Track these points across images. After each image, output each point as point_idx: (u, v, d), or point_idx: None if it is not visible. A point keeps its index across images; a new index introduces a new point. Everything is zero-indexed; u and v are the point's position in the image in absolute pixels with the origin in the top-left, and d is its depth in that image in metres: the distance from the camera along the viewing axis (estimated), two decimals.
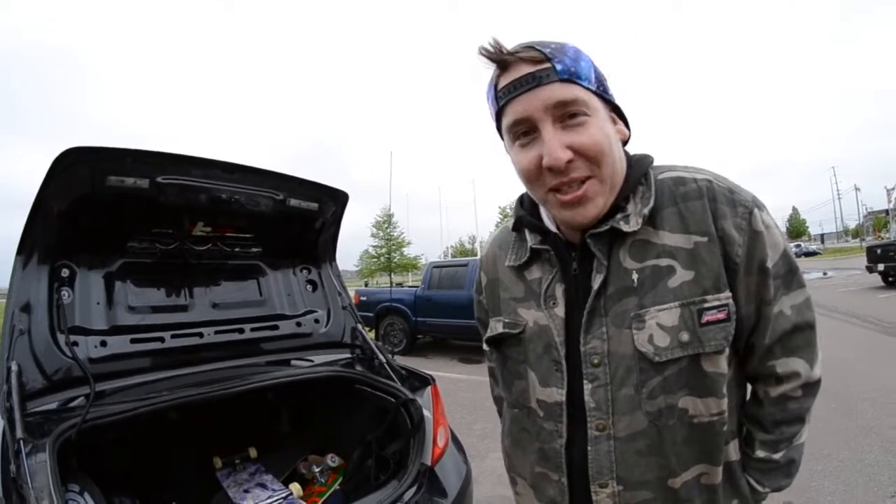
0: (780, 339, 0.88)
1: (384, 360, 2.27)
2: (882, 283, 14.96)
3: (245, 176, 2.06)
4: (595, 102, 0.83)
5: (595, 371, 0.87)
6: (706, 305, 0.82)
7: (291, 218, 2.34)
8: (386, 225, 42.01)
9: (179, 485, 2.20)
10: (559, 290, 0.93)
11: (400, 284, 15.37)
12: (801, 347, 0.90)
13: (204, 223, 2.17)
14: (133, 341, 1.96)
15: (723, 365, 0.84)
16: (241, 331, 2.23)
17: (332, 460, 2.34)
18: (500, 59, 0.81)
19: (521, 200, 1.03)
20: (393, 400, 2.03)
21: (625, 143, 0.92)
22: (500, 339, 1.02)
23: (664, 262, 0.84)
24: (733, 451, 0.89)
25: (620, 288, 0.86)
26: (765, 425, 0.91)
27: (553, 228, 0.95)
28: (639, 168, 0.91)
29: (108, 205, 1.86)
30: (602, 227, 0.87)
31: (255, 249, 2.42)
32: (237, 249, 2.35)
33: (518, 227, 1.02)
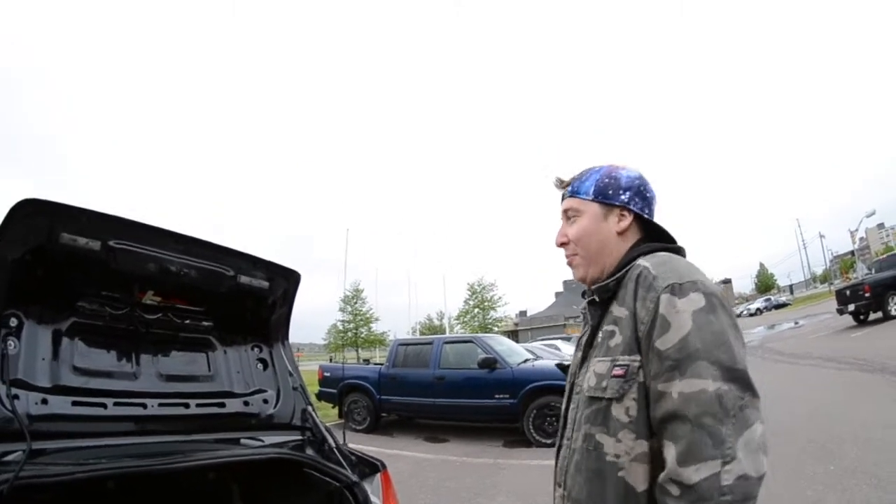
0: (662, 419, 0.97)
1: (334, 445, 2.19)
2: (854, 323, 15.35)
3: (195, 249, 2.05)
4: (587, 207, 1.23)
5: (576, 398, 1.18)
6: (617, 363, 1.07)
7: (242, 295, 2.31)
8: (354, 300, 41.85)
9: None
10: (584, 341, 1.24)
11: (367, 360, 15.06)
12: (678, 438, 0.93)
13: (154, 292, 2.13)
14: (75, 404, 1.87)
15: (621, 414, 1.04)
16: (187, 405, 2.14)
17: None
18: (558, 188, 1.31)
19: None
20: (344, 490, 1.95)
21: (625, 230, 1.23)
22: (565, 368, 1.49)
23: (611, 327, 1.12)
24: None
25: (596, 343, 1.16)
26: None
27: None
28: (629, 255, 1.18)
29: (61, 261, 1.83)
30: (590, 298, 1.23)
31: (205, 323, 2.36)
32: (187, 322, 2.29)
33: (583, 295, 1.33)
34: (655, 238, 1.23)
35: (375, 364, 10.61)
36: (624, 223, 1.21)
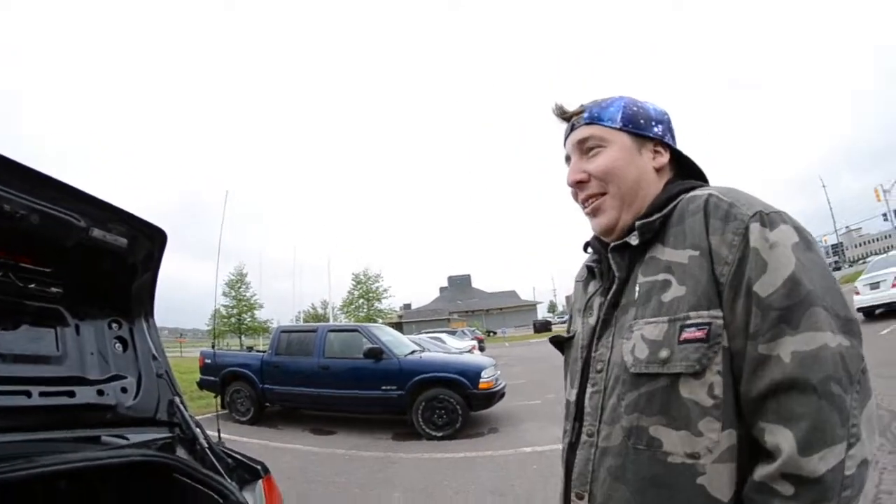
0: (771, 393, 0.72)
1: (206, 445, 1.84)
2: None
3: (35, 187, 1.57)
4: (614, 137, 0.98)
5: (596, 377, 0.93)
6: (688, 322, 0.80)
7: (96, 254, 1.84)
8: (238, 284, 40.15)
9: None
10: (597, 302, 1.01)
11: (250, 348, 14.39)
12: (796, 418, 0.69)
13: None
14: None
15: (701, 394, 0.77)
16: (28, 394, 1.66)
17: None
18: (561, 117, 1.06)
19: None
20: (220, 501, 1.62)
21: (661, 168, 1.00)
22: (560, 342, 1.12)
23: (662, 277, 0.86)
24: None
25: (629, 301, 0.91)
26: None
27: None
28: (670, 191, 0.96)
29: None
30: (618, 242, 0.95)
31: (54, 289, 1.86)
32: (31, 286, 1.78)
33: (586, 248, 1.14)
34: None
35: (258, 352, 10.03)
36: (661, 159, 1.00)
